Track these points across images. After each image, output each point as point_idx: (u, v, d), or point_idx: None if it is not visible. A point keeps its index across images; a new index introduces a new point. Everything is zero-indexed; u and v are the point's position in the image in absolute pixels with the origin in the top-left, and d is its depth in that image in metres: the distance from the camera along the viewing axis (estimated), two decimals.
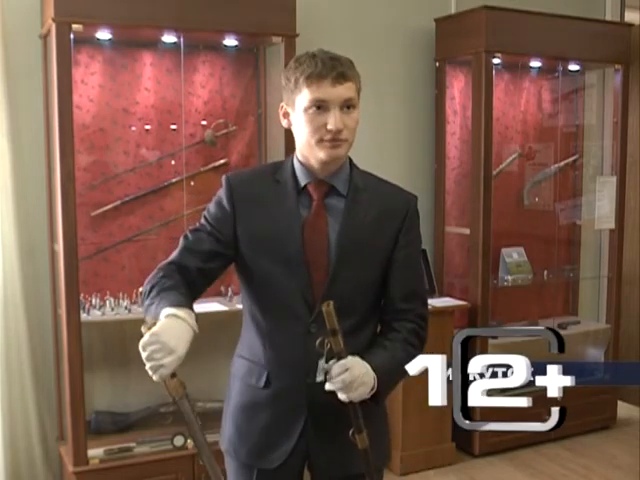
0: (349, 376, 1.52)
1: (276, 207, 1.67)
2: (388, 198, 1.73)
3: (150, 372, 1.45)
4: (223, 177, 1.74)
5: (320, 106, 1.59)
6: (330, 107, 1.59)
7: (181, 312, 1.50)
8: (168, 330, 1.45)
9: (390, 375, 1.65)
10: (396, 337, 1.70)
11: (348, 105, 1.61)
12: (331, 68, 1.58)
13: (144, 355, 1.44)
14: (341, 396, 1.54)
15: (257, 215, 1.67)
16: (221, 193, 1.71)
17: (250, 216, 1.67)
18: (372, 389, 1.59)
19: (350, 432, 1.57)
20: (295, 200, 1.67)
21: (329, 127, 1.58)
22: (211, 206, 1.73)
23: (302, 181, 1.68)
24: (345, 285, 1.65)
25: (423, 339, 1.75)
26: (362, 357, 1.59)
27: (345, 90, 1.59)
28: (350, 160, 1.74)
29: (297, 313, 1.65)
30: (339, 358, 1.53)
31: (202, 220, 1.73)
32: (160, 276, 1.63)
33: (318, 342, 1.52)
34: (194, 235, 1.70)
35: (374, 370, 1.59)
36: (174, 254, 1.70)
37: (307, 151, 1.65)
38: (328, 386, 1.54)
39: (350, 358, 1.55)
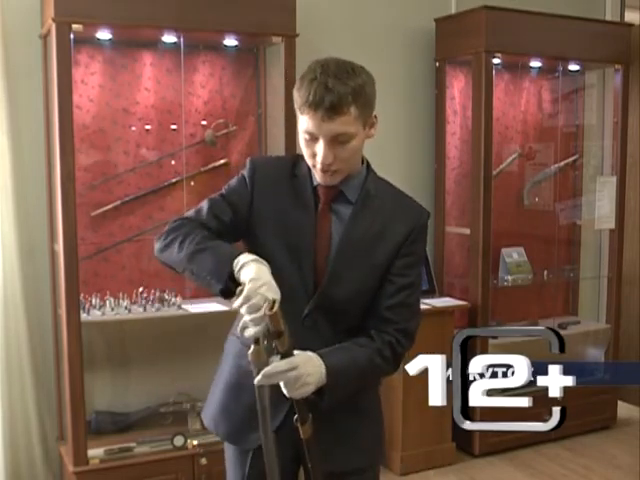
0: (293, 375, 1.48)
1: (292, 198, 1.67)
2: (399, 208, 1.70)
3: (253, 311, 1.40)
4: (248, 159, 1.75)
5: (311, 137, 1.57)
6: (320, 139, 1.56)
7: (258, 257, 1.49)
8: (266, 272, 1.45)
9: (343, 378, 1.57)
10: (367, 344, 1.63)
11: (341, 140, 1.55)
12: (323, 100, 1.50)
13: (249, 292, 1.40)
14: (283, 390, 1.51)
15: (273, 199, 1.68)
16: (244, 171, 1.73)
17: (267, 198, 1.68)
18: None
19: (294, 419, 1.54)
20: (310, 195, 1.67)
21: (317, 159, 1.58)
22: (232, 181, 1.74)
23: (314, 180, 1.68)
24: (342, 289, 1.65)
25: (399, 355, 1.66)
26: (319, 354, 1.55)
27: (337, 125, 1.53)
28: (368, 165, 1.72)
29: (292, 306, 1.61)
30: (284, 357, 1.47)
31: (223, 191, 1.72)
32: (192, 227, 1.60)
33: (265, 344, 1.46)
34: (218, 202, 1.69)
35: (326, 368, 1.53)
36: (197, 214, 1.68)
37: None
38: (260, 379, 1.46)
39: (299, 355, 1.50)
